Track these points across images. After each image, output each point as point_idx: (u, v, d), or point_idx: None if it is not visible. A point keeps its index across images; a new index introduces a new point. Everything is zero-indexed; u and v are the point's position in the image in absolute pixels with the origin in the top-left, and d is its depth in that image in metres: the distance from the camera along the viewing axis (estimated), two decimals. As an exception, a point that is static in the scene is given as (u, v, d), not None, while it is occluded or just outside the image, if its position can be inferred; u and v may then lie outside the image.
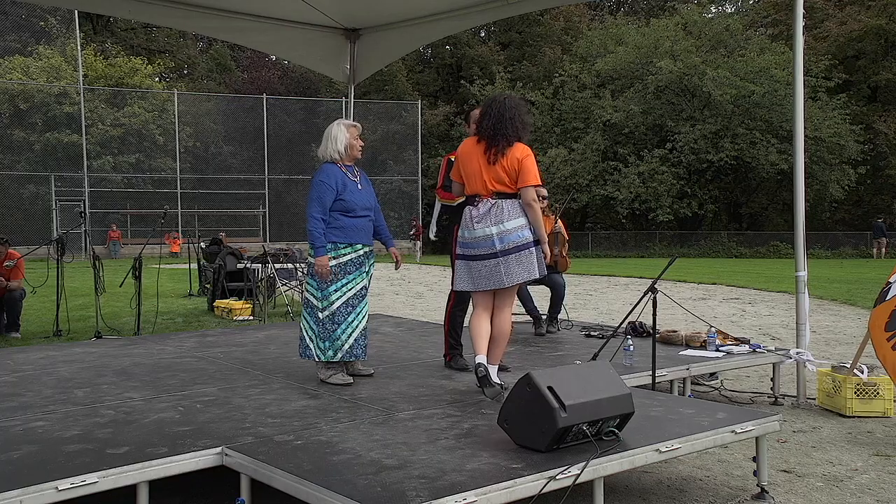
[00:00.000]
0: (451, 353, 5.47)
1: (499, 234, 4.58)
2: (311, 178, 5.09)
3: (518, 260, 4.58)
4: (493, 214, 4.60)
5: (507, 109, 4.64)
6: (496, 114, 4.64)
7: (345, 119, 5.36)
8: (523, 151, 4.62)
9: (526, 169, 4.58)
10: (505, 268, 4.58)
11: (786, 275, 18.21)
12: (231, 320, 10.51)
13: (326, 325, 4.92)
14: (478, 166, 4.66)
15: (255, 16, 7.95)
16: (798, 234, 5.98)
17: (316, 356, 4.96)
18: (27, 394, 4.68)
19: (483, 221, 4.63)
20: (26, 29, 37.32)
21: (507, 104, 4.67)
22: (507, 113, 4.62)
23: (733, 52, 36.77)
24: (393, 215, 37.91)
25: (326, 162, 5.07)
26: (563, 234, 7.17)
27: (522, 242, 4.58)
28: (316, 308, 4.96)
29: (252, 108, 37.32)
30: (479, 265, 4.65)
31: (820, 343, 8.83)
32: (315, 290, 4.98)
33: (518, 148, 4.62)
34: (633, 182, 35.75)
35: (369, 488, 2.99)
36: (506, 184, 4.61)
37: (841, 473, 4.34)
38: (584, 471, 3.26)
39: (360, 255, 5.01)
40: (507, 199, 4.61)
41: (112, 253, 31.47)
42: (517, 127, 4.63)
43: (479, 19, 8.96)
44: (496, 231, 4.58)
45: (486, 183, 4.63)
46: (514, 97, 4.82)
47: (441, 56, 48.06)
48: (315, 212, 4.89)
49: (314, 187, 4.96)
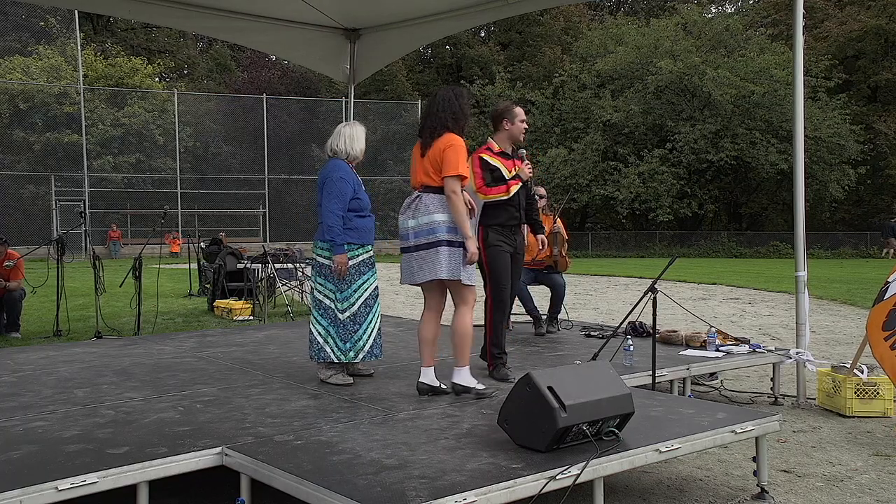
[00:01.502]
0: (494, 362, 5.15)
1: (414, 228, 4.53)
2: (325, 174, 4.97)
3: (425, 257, 4.48)
4: (413, 207, 4.56)
5: (438, 102, 4.59)
6: (426, 106, 4.66)
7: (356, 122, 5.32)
8: (448, 141, 4.49)
9: (447, 160, 4.44)
10: (417, 264, 4.53)
11: (786, 275, 18.21)
12: (231, 320, 10.50)
13: (348, 327, 4.93)
14: (415, 160, 4.65)
15: (255, 16, 7.95)
16: (798, 234, 5.97)
17: (335, 357, 4.93)
18: (27, 394, 4.68)
19: (405, 213, 4.61)
20: (26, 29, 37.31)
21: (439, 97, 4.62)
22: (437, 105, 4.57)
23: (733, 52, 36.78)
24: (393, 215, 37.88)
25: (337, 159, 5.04)
26: (562, 234, 7.16)
27: (432, 240, 4.45)
28: (332, 309, 4.94)
29: (252, 108, 37.32)
30: (406, 257, 4.62)
31: (820, 343, 8.84)
32: (331, 291, 4.95)
33: (444, 138, 4.51)
34: (633, 182, 35.74)
35: (369, 488, 2.99)
36: (431, 176, 4.51)
37: (841, 473, 4.34)
38: (584, 471, 3.26)
39: (372, 255, 5.08)
40: (431, 193, 4.51)
41: (112, 253, 31.47)
42: (445, 118, 4.53)
43: (479, 19, 8.96)
44: (412, 224, 4.54)
45: (416, 175, 4.61)
46: (453, 88, 4.75)
47: (441, 56, 48.07)
48: (336, 208, 4.86)
49: (335, 183, 4.89)
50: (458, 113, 4.58)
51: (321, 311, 4.98)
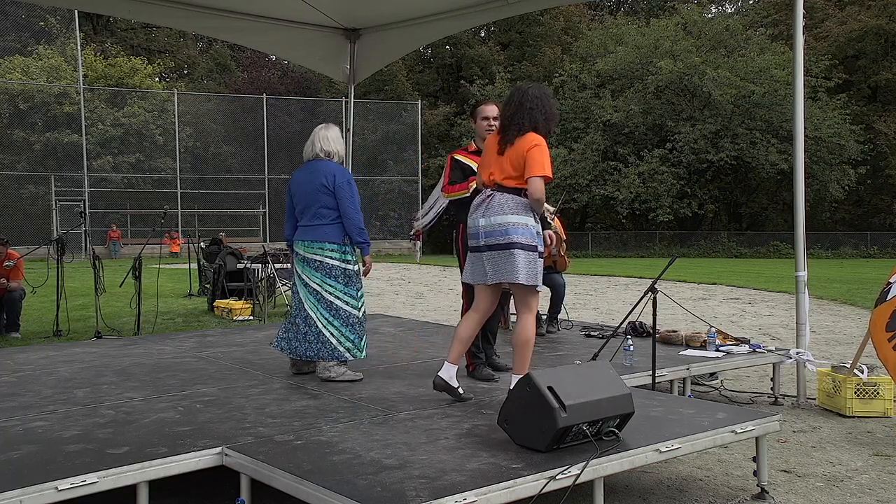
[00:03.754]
0: (473, 362, 5.16)
1: (485, 228, 4.35)
2: (331, 177, 4.93)
3: (498, 258, 4.32)
4: (485, 206, 4.38)
5: (529, 99, 4.38)
6: (516, 103, 4.40)
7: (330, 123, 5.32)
8: (532, 141, 4.30)
9: (532, 159, 4.25)
10: (490, 264, 4.36)
11: (786, 275, 18.21)
12: (231, 320, 10.50)
13: (363, 324, 5.07)
14: (489, 157, 4.45)
15: (255, 16, 7.95)
16: (798, 234, 5.97)
17: (351, 356, 5.01)
18: (27, 394, 4.68)
19: (476, 212, 4.43)
20: (26, 29, 37.33)
21: (530, 93, 4.40)
22: (528, 103, 4.36)
23: (733, 52, 36.80)
24: (393, 215, 37.93)
25: (332, 161, 5.06)
26: (560, 234, 7.15)
27: (504, 241, 4.28)
28: (346, 309, 5.00)
29: (252, 108, 37.34)
30: (472, 256, 4.50)
31: (820, 343, 8.84)
32: (343, 291, 4.99)
33: (528, 138, 4.31)
34: (633, 182, 35.75)
35: (369, 488, 2.99)
36: (510, 175, 4.33)
37: (841, 473, 4.34)
38: (584, 471, 3.26)
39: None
40: (506, 193, 4.34)
41: (112, 253, 31.47)
42: (535, 117, 4.34)
43: (479, 19, 8.96)
44: (483, 224, 4.36)
45: (490, 173, 4.41)
46: (541, 87, 4.57)
47: (441, 56, 48.07)
48: (359, 210, 4.96)
49: (351, 186, 4.93)
50: (549, 114, 4.40)
51: (332, 312, 4.99)
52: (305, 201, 5.02)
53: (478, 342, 5.18)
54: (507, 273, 4.31)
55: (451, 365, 4.47)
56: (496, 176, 4.39)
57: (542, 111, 4.38)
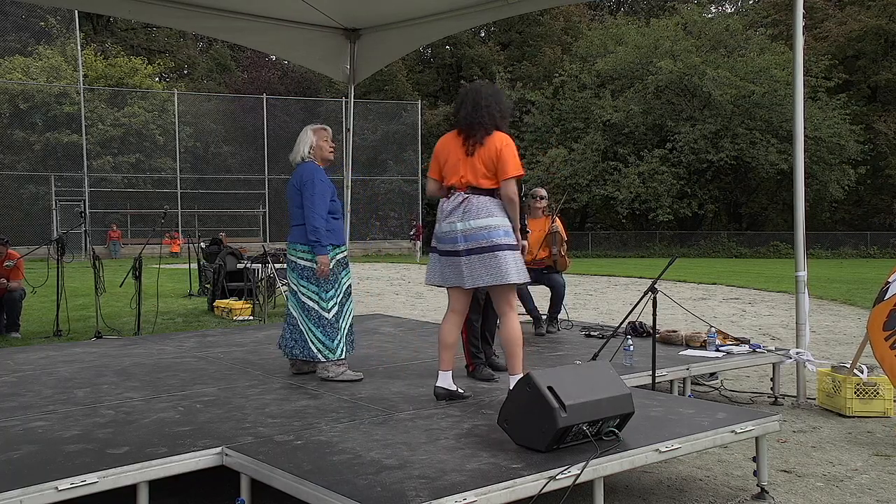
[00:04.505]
0: (473, 362, 5.13)
1: (465, 231, 4.31)
2: (302, 178, 5.01)
3: (482, 262, 4.28)
4: (463, 210, 4.33)
5: (484, 97, 4.36)
6: (471, 102, 4.37)
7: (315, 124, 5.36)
8: (502, 140, 4.31)
9: (505, 159, 4.27)
10: (468, 269, 4.32)
11: (786, 275, 18.21)
12: (231, 320, 10.50)
13: (333, 326, 5.03)
14: (455, 159, 4.40)
15: (255, 16, 7.95)
16: (798, 234, 5.97)
17: (322, 356, 5.01)
18: (27, 394, 4.68)
19: (452, 216, 4.37)
20: (26, 29, 37.32)
21: (484, 91, 4.40)
22: (483, 101, 4.35)
23: (733, 52, 36.80)
24: (393, 215, 37.93)
25: (311, 163, 5.09)
26: (560, 234, 7.14)
27: (488, 244, 4.27)
28: (316, 310, 5.02)
29: (252, 108, 37.33)
30: (446, 260, 4.44)
31: (820, 343, 8.84)
32: (314, 292, 5.04)
33: (497, 137, 4.32)
34: (633, 182, 35.75)
35: (369, 488, 2.99)
36: (484, 176, 4.32)
37: (841, 473, 4.34)
38: (584, 471, 3.26)
39: (346, 255, 5.24)
40: (482, 195, 4.32)
41: (112, 253, 31.46)
42: (494, 115, 4.34)
43: (479, 19, 8.96)
44: (461, 227, 4.32)
45: (461, 176, 4.37)
46: (491, 84, 4.60)
47: (441, 56, 48.09)
48: (322, 210, 4.96)
49: (316, 185, 4.97)
50: (504, 111, 4.40)
51: (305, 313, 5.05)
52: (290, 204, 5.17)
53: (477, 342, 5.17)
54: (492, 276, 4.30)
55: (445, 372, 4.50)
56: (468, 178, 4.37)
57: (497, 108, 4.39)
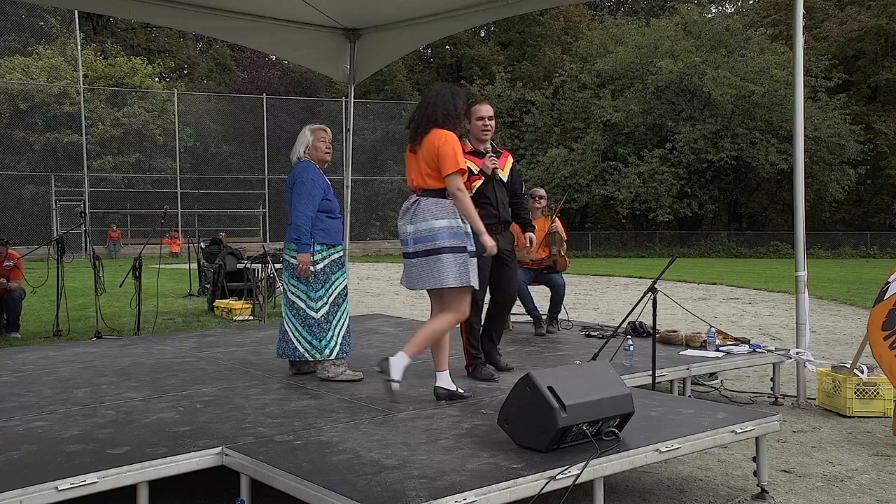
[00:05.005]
0: (472, 363, 5.13)
1: (413, 234, 4.38)
2: (294, 176, 5.06)
3: (427, 264, 4.31)
4: (412, 212, 4.40)
5: (430, 97, 4.45)
6: (420, 103, 4.50)
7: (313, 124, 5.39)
8: (440, 137, 4.32)
9: (443, 156, 4.28)
10: (416, 270, 4.38)
11: (786, 275, 18.21)
12: (231, 320, 10.50)
13: (322, 326, 5.01)
14: (409, 162, 4.53)
15: (255, 16, 7.95)
16: (798, 234, 5.97)
17: (309, 356, 5.01)
18: (27, 394, 4.68)
19: (403, 218, 4.46)
20: (26, 29, 37.33)
21: (431, 92, 4.48)
22: (429, 100, 4.43)
23: (733, 52, 36.77)
24: (393, 215, 37.80)
25: (307, 161, 5.11)
26: (560, 234, 7.15)
27: (432, 247, 4.29)
28: (304, 309, 5.02)
29: (252, 108, 37.32)
30: (407, 262, 4.49)
31: (820, 343, 8.84)
32: (302, 291, 5.04)
33: (434, 135, 4.34)
34: (633, 182, 35.73)
35: (369, 488, 2.99)
36: (429, 175, 4.36)
37: (841, 473, 4.34)
38: (584, 471, 3.26)
39: (342, 255, 5.21)
40: (429, 198, 4.36)
41: (112, 253, 31.45)
42: (436, 114, 4.37)
43: (479, 19, 8.96)
44: (411, 230, 4.39)
45: (412, 179, 4.45)
46: (449, 85, 4.63)
47: (441, 56, 48.09)
48: (307, 209, 4.97)
49: (304, 184, 4.99)
50: (450, 110, 4.40)
51: (294, 311, 5.06)
52: (287, 204, 5.19)
53: (476, 343, 5.17)
54: (433, 279, 4.32)
55: (442, 372, 4.51)
56: (417, 180, 4.44)
57: (441, 107, 4.40)
